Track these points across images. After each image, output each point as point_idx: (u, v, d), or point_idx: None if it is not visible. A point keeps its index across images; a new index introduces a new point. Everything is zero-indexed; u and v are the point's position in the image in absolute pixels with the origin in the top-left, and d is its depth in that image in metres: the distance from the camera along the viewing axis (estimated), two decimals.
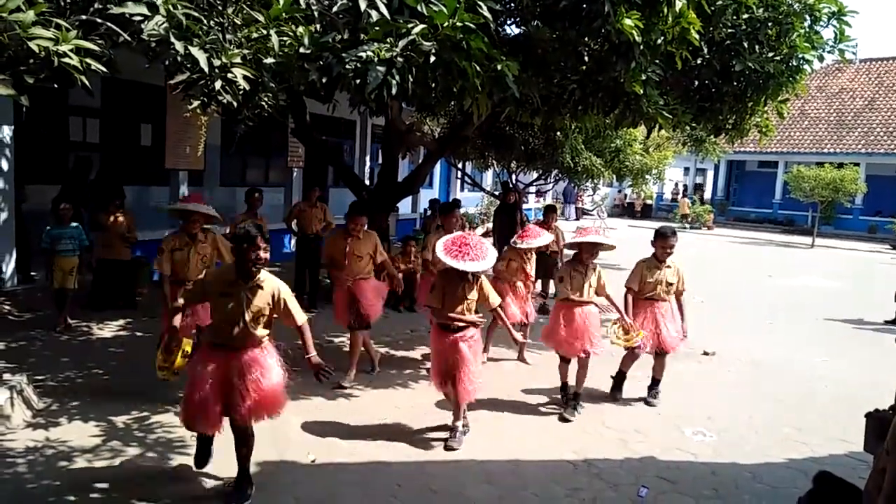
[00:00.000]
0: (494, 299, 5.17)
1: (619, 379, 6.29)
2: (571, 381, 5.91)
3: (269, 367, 3.93)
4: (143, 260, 9.68)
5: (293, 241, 10.26)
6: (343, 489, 4.28)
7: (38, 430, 4.75)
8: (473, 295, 4.99)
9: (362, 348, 6.34)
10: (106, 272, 8.28)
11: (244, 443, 4.00)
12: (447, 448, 4.94)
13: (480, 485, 4.45)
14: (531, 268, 7.29)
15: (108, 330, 7.51)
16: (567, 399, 5.90)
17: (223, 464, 4.26)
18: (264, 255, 3.83)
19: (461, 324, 4.96)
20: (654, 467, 4.86)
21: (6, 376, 5.12)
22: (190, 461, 4.29)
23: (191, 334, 4.82)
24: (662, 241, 5.92)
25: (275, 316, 3.98)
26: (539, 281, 9.08)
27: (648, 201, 31.95)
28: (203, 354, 4.00)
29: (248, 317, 3.83)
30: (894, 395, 3.56)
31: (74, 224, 7.41)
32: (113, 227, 8.10)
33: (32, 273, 8.83)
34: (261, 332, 3.92)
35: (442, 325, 5.03)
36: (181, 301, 4.26)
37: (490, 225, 15.73)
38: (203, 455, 4.22)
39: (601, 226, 24.23)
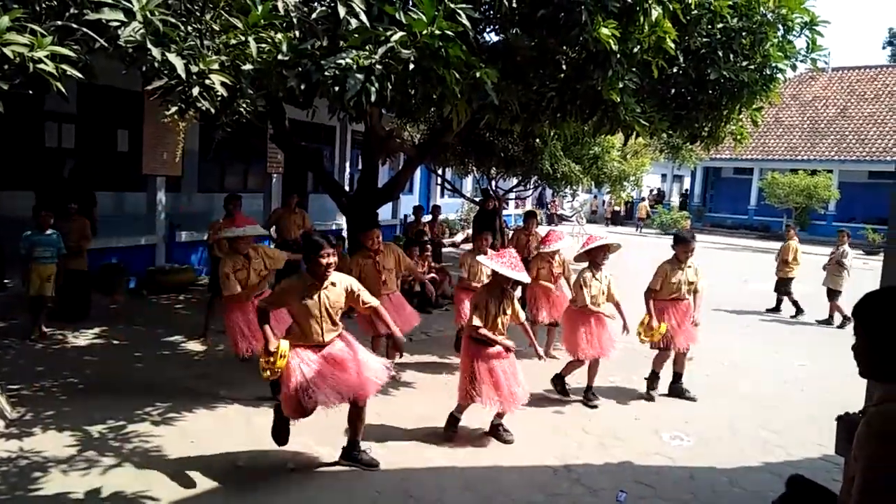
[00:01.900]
0: (521, 314, 5.38)
1: (652, 378, 6.59)
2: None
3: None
4: (119, 266, 9.57)
5: (272, 247, 10.19)
6: (323, 496, 4.26)
7: (11, 441, 4.67)
8: (511, 309, 5.20)
9: None
10: (64, 283, 7.65)
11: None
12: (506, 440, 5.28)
13: (460, 491, 4.45)
14: (558, 269, 7.77)
15: (83, 338, 7.41)
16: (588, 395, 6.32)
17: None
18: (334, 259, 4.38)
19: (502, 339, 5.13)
20: (633, 472, 4.89)
21: None
22: (169, 470, 4.26)
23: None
24: (685, 245, 6.37)
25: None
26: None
27: (617, 208, 32.07)
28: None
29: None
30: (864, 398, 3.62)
31: (51, 231, 7.29)
32: (68, 235, 7.69)
33: (6, 280, 8.69)
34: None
35: (483, 341, 5.09)
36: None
37: (470, 231, 15.77)
38: (285, 434, 4.65)
39: (580, 232, 24.42)
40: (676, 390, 6.61)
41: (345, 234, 10.51)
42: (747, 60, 6.25)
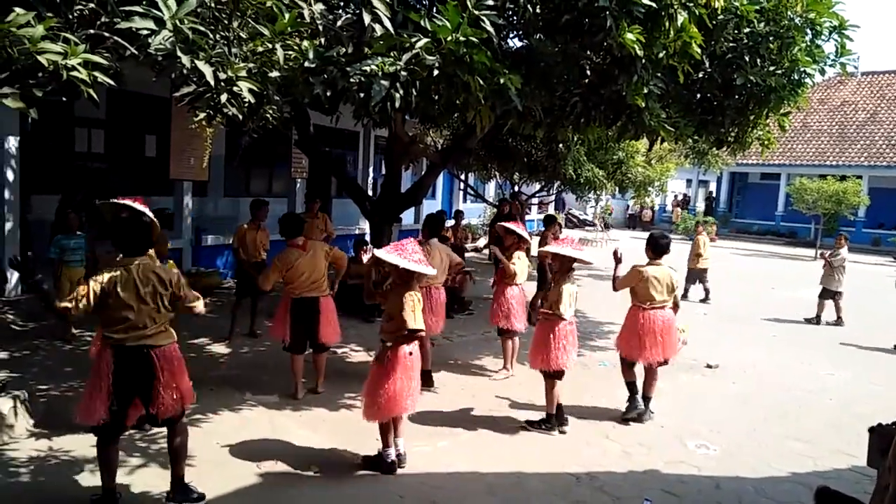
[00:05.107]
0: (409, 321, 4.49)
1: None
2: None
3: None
4: None
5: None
6: (345, 501, 4.28)
7: (41, 440, 4.77)
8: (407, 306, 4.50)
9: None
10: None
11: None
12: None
13: (483, 497, 4.44)
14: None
15: None
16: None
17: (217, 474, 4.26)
18: None
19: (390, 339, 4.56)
20: (658, 480, 4.85)
21: (9, 385, 5.14)
22: (195, 473, 4.30)
23: None
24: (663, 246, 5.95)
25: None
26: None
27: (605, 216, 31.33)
28: None
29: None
30: None
31: (80, 233, 7.39)
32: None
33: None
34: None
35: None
36: None
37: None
38: None
39: (603, 237, 24.27)
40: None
41: (367, 237, 10.56)
42: (774, 65, 6.18)
